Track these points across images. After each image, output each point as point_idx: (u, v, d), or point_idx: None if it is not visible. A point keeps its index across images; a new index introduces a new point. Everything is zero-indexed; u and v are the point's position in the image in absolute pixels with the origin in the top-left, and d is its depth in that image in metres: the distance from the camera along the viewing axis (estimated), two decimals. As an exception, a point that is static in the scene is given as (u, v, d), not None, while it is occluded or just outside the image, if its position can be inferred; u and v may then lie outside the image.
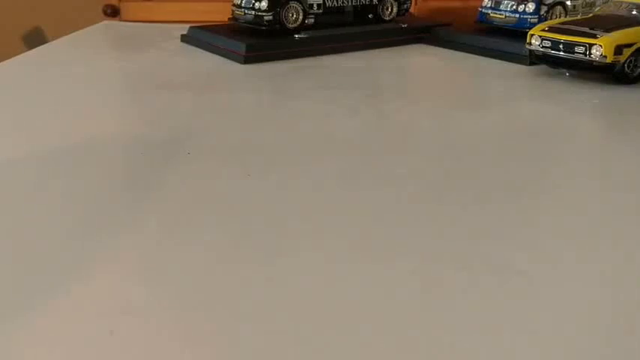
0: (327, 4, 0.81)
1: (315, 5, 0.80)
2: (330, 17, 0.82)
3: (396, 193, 0.39)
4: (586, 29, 0.65)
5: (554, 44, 0.66)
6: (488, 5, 0.82)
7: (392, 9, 0.88)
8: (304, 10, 0.80)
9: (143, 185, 0.39)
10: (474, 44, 0.80)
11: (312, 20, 0.81)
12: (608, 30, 0.64)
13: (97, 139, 0.48)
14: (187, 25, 0.86)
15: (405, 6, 0.89)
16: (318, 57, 0.77)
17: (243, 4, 0.79)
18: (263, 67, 0.72)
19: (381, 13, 0.87)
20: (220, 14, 0.87)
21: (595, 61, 0.63)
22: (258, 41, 0.76)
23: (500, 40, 0.78)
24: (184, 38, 0.86)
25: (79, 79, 0.67)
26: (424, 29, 0.88)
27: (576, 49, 0.64)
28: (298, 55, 0.77)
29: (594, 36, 0.64)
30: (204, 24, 0.86)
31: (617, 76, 0.64)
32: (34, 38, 1.05)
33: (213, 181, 0.40)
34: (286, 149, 0.46)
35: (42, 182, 0.40)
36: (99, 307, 0.26)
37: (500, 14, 0.81)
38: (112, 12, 1.05)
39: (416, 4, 1.03)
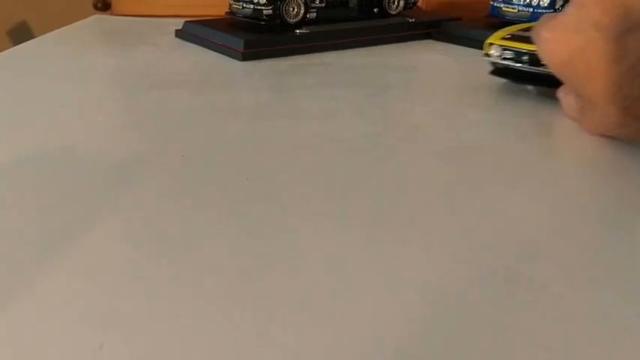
0: (330, -2, 0.78)
1: (317, -1, 0.77)
2: (333, 11, 0.79)
3: (400, 195, 0.35)
4: None
5: (517, 55, 0.55)
6: (501, -1, 0.78)
7: (398, 3, 0.84)
8: (306, 4, 0.76)
9: (134, 187, 0.37)
10: (486, 40, 0.77)
11: (314, 15, 0.78)
12: None
13: (86, 138, 0.45)
14: (182, 20, 0.84)
15: (413, -1, 0.86)
16: (320, 53, 0.74)
17: (241, -2, 0.76)
18: (262, 64, 0.69)
19: (387, 7, 0.83)
20: (217, 8, 0.84)
21: None
22: (257, 37, 0.73)
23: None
24: (179, 33, 0.83)
25: (68, 76, 0.64)
26: (433, 24, 0.84)
27: None
28: (299, 52, 0.73)
29: None
30: (201, 18, 0.83)
31: None
32: (21, 33, 1.02)
33: (209, 184, 0.38)
34: (286, 150, 0.43)
35: (25, 183, 0.37)
36: (88, 319, 0.25)
37: (512, 8, 0.77)
38: (103, 6, 1.02)
39: (424, -3, 1.00)
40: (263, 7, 0.74)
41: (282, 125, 0.49)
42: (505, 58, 0.57)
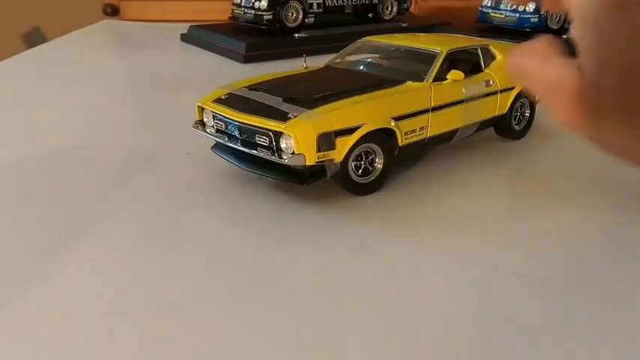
0: (327, 4, 0.81)
1: (315, 4, 0.80)
2: (330, 16, 0.82)
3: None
4: (278, 100, 0.36)
5: (230, 127, 0.36)
6: (489, 4, 0.82)
7: (392, 8, 0.88)
8: (304, 10, 0.79)
9: (139, 184, 0.39)
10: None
11: (312, 19, 0.81)
12: (314, 102, 0.35)
13: (96, 138, 0.47)
14: (188, 24, 0.86)
15: (405, 5, 0.89)
16: (317, 56, 0.75)
17: (243, 4, 0.79)
18: (263, 66, 0.72)
19: (381, 13, 0.87)
20: (221, 13, 0.87)
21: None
22: (258, 40, 0.76)
23: (501, 39, 0.78)
24: (184, 37, 0.86)
25: (78, 77, 0.67)
26: (424, 29, 0.87)
27: (258, 138, 0.35)
28: (298, 55, 0.76)
29: (284, 117, 0.34)
30: (205, 23, 0.86)
31: (349, 187, 0.37)
32: (34, 38, 1.05)
33: (213, 182, 0.40)
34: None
35: (40, 177, 0.40)
36: (98, 308, 0.26)
37: (500, 13, 0.80)
38: (112, 11, 1.05)
39: (416, 3, 1.03)
40: (264, 13, 0.77)
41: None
42: (219, 131, 0.36)
